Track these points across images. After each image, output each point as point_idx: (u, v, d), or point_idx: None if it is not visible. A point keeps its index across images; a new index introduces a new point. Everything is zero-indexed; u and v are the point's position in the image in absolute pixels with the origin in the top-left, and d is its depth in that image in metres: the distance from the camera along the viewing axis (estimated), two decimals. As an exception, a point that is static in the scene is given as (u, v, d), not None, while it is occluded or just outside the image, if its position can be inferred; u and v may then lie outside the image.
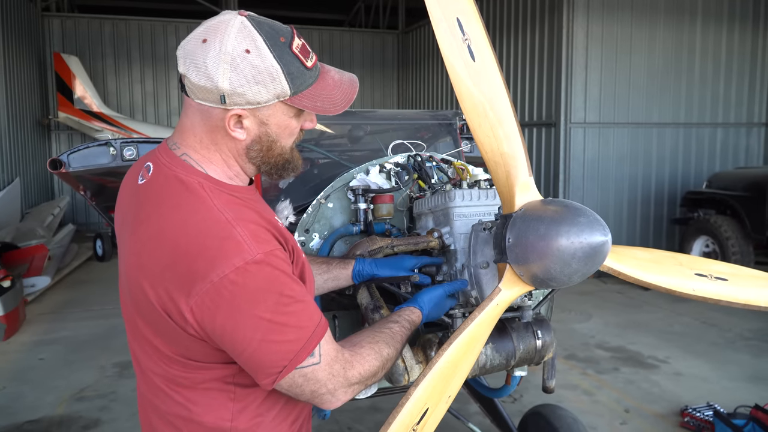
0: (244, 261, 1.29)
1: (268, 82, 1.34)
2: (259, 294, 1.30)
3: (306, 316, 1.37)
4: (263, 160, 1.47)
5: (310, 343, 1.36)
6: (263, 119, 1.40)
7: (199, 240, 1.30)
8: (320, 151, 3.36)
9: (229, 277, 1.27)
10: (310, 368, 1.36)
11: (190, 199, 1.36)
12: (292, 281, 1.36)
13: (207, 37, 1.33)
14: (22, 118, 11.29)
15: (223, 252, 1.29)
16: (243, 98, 1.34)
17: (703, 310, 6.99)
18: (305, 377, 1.36)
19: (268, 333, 1.31)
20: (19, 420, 4.45)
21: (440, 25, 1.65)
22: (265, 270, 1.31)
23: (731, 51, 9.56)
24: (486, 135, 1.67)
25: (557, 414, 2.91)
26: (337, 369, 1.41)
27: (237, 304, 1.29)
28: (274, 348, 1.32)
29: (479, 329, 1.63)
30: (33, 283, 7.71)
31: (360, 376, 1.46)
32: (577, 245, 1.47)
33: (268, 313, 1.30)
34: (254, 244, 1.31)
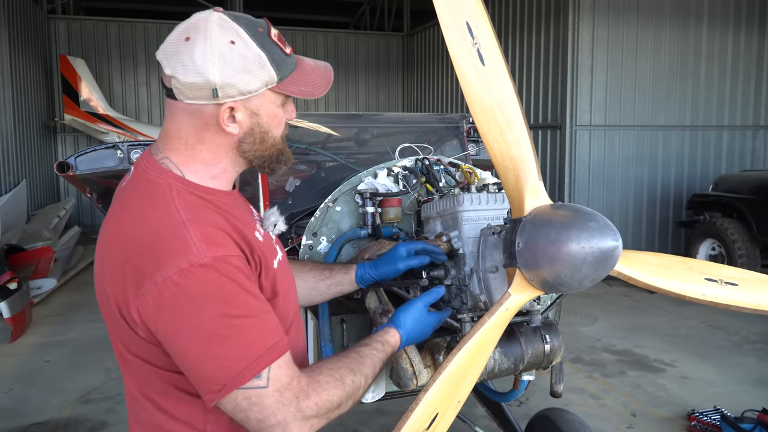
0: (190, 263, 1.24)
1: (256, 70, 1.34)
2: (202, 300, 1.24)
3: (257, 333, 1.27)
4: (256, 153, 1.45)
5: (257, 364, 1.25)
6: (254, 110, 1.39)
7: (149, 239, 1.28)
8: (327, 154, 3.36)
9: (172, 278, 1.23)
10: (255, 391, 1.25)
11: (153, 199, 1.35)
12: (244, 293, 1.28)
13: (189, 35, 1.34)
14: (28, 120, 11.32)
15: (170, 252, 1.25)
16: (235, 89, 1.34)
17: (710, 313, 6.96)
18: (249, 401, 1.25)
19: (208, 344, 1.24)
20: (26, 422, 4.45)
21: (450, 29, 1.64)
22: (211, 275, 1.25)
23: (737, 53, 9.53)
24: (495, 139, 1.67)
25: (564, 418, 2.89)
26: (288, 397, 1.28)
27: (179, 307, 1.24)
28: (214, 362, 1.24)
29: (489, 334, 1.62)
30: (39, 285, 7.72)
31: (317, 408, 1.31)
32: (588, 250, 1.47)
33: (209, 322, 1.24)
34: (204, 247, 1.26)
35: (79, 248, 10.26)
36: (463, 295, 2.03)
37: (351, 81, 15.78)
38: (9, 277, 6.61)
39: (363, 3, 16.41)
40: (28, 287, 7.08)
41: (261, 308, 1.31)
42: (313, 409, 1.31)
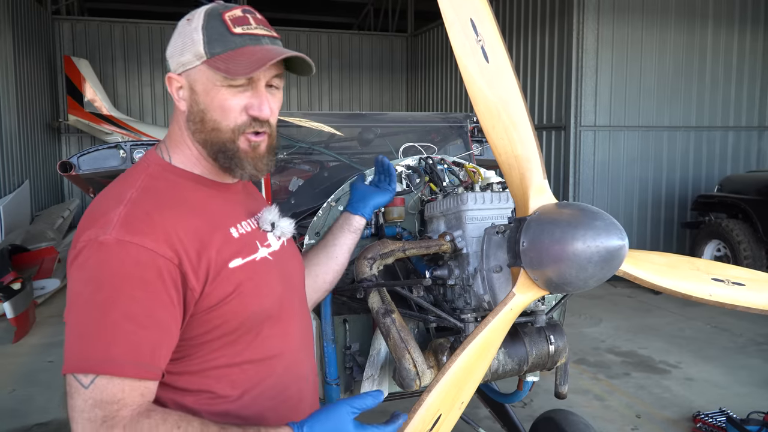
0: (95, 236, 1.24)
1: (188, 44, 1.37)
2: (86, 274, 1.23)
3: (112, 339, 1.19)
4: (201, 136, 1.41)
5: (91, 365, 1.18)
6: (191, 84, 1.39)
7: (94, 208, 1.33)
8: (331, 153, 3.35)
9: (80, 247, 1.26)
10: (76, 386, 1.18)
11: (126, 176, 1.40)
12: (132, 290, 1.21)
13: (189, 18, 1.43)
14: (32, 120, 11.33)
15: (92, 224, 1.28)
16: (175, 61, 1.39)
17: (715, 314, 6.93)
18: (70, 389, 1.20)
19: (73, 318, 1.22)
20: (29, 423, 4.45)
21: (454, 26, 1.63)
22: (102, 255, 1.22)
23: (743, 53, 9.49)
24: (500, 137, 1.65)
25: (569, 419, 2.87)
26: (96, 414, 1.17)
27: (71, 275, 1.26)
28: (71, 338, 1.21)
29: (493, 334, 1.60)
30: (43, 285, 7.72)
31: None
32: (594, 249, 1.45)
33: (82, 299, 1.22)
34: (117, 227, 1.25)
35: (82, 249, 10.26)
36: (467, 295, 2.02)
37: (355, 82, 15.77)
38: (13, 278, 6.61)
39: (367, 4, 16.40)
40: (31, 287, 7.08)
41: (139, 318, 1.22)
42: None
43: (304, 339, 1.65)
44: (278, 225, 1.57)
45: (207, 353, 1.39)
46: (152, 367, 1.24)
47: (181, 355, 1.36)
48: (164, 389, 1.35)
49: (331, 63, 15.42)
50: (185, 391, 1.38)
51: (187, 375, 1.38)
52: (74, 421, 1.19)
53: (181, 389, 1.38)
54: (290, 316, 1.58)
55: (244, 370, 1.44)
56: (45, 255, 8.04)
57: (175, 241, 1.29)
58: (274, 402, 1.49)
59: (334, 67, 15.49)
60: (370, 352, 2.30)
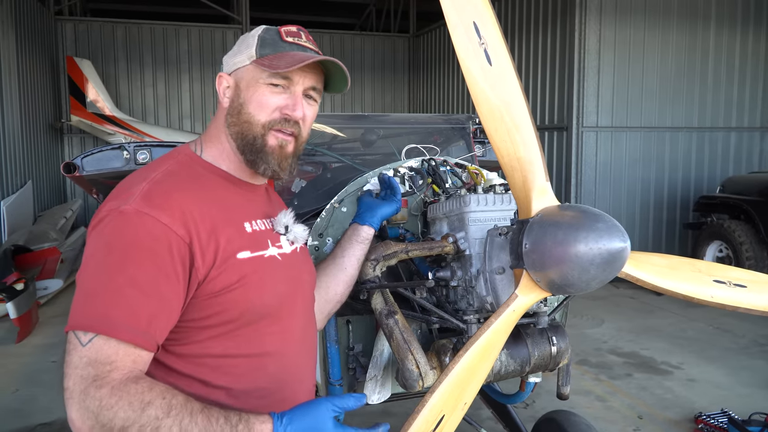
0: (117, 206, 1.32)
1: (243, 48, 1.54)
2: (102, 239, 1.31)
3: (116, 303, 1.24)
4: (234, 128, 1.52)
5: (92, 323, 1.23)
6: (237, 81, 1.53)
7: (120, 186, 1.42)
8: (333, 155, 3.36)
9: (99, 216, 1.34)
10: (75, 342, 1.23)
11: (156, 162, 1.49)
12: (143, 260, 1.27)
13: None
14: (35, 121, 11.35)
15: (117, 197, 1.36)
16: (229, 64, 1.56)
17: (717, 315, 6.93)
18: (69, 346, 1.25)
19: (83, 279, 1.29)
20: (32, 423, 4.47)
21: (457, 29, 1.64)
22: (119, 223, 1.30)
23: (745, 54, 9.49)
24: (502, 139, 1.66)
25: (571, 420, 2.88)
26: (87, 373, 1.20)
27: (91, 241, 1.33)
28: (77, 296, 1.29)
29: (496, 336, 1.61)
30: (46, 285, 7.74)
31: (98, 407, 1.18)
32: (596, 251, 1.46)
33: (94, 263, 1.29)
34: (137, 199, 1.33)
35: (85, 249, 10.28)
36: (470, 296, 2.03)
37: (357, 82, 15.78)
38: (16, 278, 6.63)
39: (369, 4, 16.41)
40: (34, 288, 7.10)
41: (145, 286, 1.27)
42: (94, 404, 1.19)
43: (305, 343, 1.67)
44: (292, 229, 1.61)
45: (204, 339, 1.42)
46: (148, 336, 1.27)
47: (177, 337, 1.40)
48: (159, 368, 1.39)
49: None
50: (179, 374, 1.41)
51: (182, 358, 1.41)
52: (67, 376, 1.22)
53: (176, 372, 1.41)
54: (291, 318, 1.59)
55: (238, 364, 1.46)
56: (48, 255, 8.06)
57: (188, 220, 1.35)
58: (266, 401, 1.49)
59: (337, 68, 15.48)
60: (373, 353, 2.30)
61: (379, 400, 2.31)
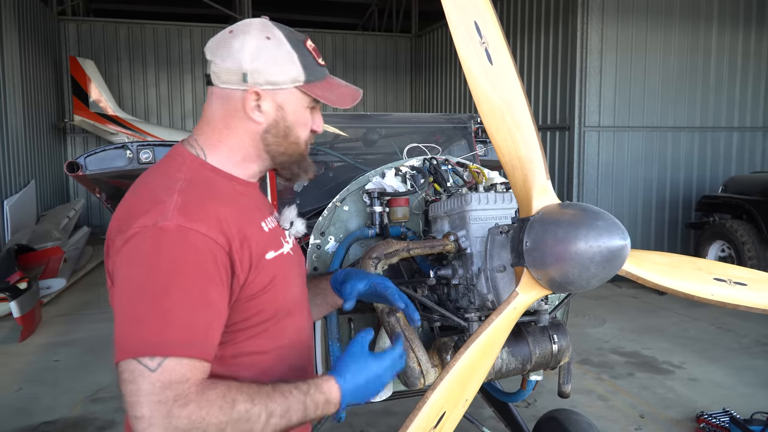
0: (153, 222, 1.26)
1: (285, 64, 1.44)
2: (145, 259, 1.25)
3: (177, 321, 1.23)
4: (279, 149, 1.50)
5: (158, 347, 1.20)
6: (280, 103, 1.47)
7: (141, 196, 1.35)
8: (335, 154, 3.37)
9: (133, 233, 1.27)
10: (141, 369, 1.19)
11: (162, 167, 1.44)
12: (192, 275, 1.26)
13: (233, 30, 1.47)
14: (38, 121, 11.38)
15: (148, 211, 1.29)
16: (262, 77, 1.43)
17: (719, 315, 6.92)
18: (131, 375, 1.20)
19: (131, 303, 1.24)
20: (35, 421, 4.48)
21: (458, 28, 1.65)
22: (163, 240, 1.25)
23: (747, 54, 9.48)
24: (503, 138, 1.67)
25: (572, 419, 2.89)
26: (167, 396, 1.20)
27: (125, 261, 1.27)
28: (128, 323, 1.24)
29: (496, 333, 1.62)
30: (49, 285, 7.76)
31: (188, 422, 1.20)
32: (596, 249, 1.47)
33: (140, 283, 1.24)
34: (175, 214, 1.28)
35: (88, 248, 10.31)
36: (471, 294, 2.04)
37: (359, 82, 15.77)
38: (19, 277, 6.65)
39: (371, 4, 16.41)
40: (37, 287, 7.12)
41: (200, 301, 1.27)
42: (184, 423, 1.20)
43: (311, 331, 1.72)
44: (295, 224, 1.65)
45: (241, 341, 1.45)
46: (209, 347, 1.29)
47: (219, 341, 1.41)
48: None
49: (335, 64, 15.44)
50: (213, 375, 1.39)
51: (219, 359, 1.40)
52: (138, 404, 1.19)
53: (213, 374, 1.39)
54: (302, 311, 1.64)
55: (266, 359, 1.50)
56: (51, 254, 8.08)
57: (225, 228, 1.34)
58: None
59: (339, 68, 15.50)
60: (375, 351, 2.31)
61: (380, 398, 2.32)
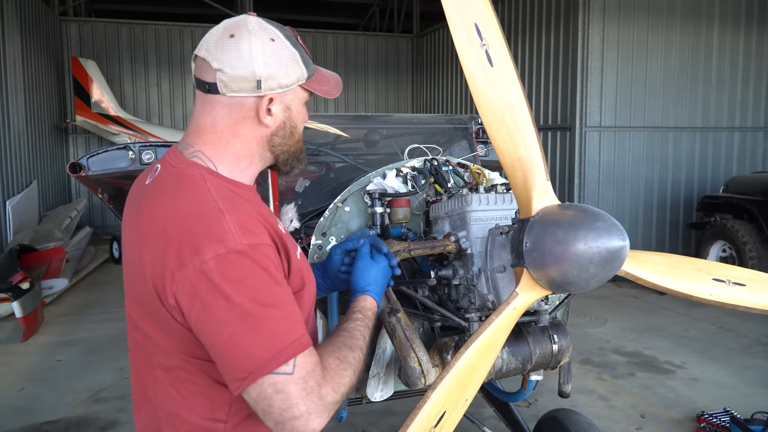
0: (226, 249, 1.27)
1: (290, 65, 1.45)
2: (235, 286, 1.27)
3: (285, 323, 1.31)
4: (284, 148, 1.53)
5: (286, 352, 1.28)
6: (287, 104, 1.49)
7: (188, 225, 1.32)
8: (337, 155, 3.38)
9: (208, 263, 1.27)
10: (282, 378, 1.27)
11: (187, 188, 1.39)
12: (273, 283, 1.32)
13: (233, 33, 1.42)
14: (40, 121, 11.40)
15: (208, 239, 1.29)
16: (276, 81, 1.43)
17: (720, 314, 6.93)
18: (275, 388, 1.26)
19: (238, 330, 1.26)
20: (38, 421, 4.49)
21: (458, 30, 1.66)
22: (245, 262, 1.28)
23: (748, 53, 9.48)
24: (503, 140, 1.68)
25: (573, 419, 2.90)
26: (311, 385, 1.30)
27: (213, 292, 1.26)
28: (243, 349, 1.27)
29: (496, 333, 1.63)
30: (51, 285, 7.78)
31: (334, 393, 1.34)
32: (595, 250, 1.48)
33: (240, 308, 1.26)
34: (240, 235, 1.30)
35: (90, 249, 10.32)
36: (471, 294, 2.05)
37: (360, 82, 15.81)
38: (21, 277, 6.66)
39: (372, 4, 16.42)
40: (40, 287, 7.13)
41: (288, 300, 1.35)
42: (331, 394, 1.33)
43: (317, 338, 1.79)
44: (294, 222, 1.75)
45: None
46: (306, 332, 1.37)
47: None
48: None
49: (336, 64, 15.45)
50: None
51: None
52: (295, 406, 1.27)
53: None
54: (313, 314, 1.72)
55: None
56: (53, 255, 8.09)
57: (273, 234, 1.40)
58: None
59: (340, 68, 15.51)
60: (376, 351, 2.32)
61: (381, 398, 2.33)
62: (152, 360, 1.43)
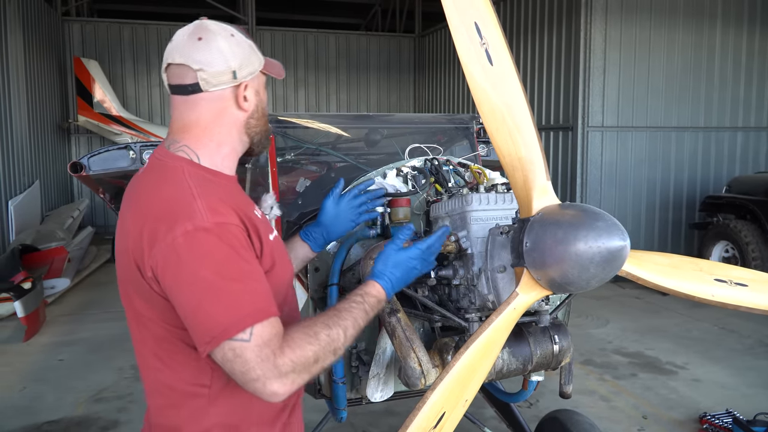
0: (194, 227, 1.41)
1: (251, 54, 1.62)
2: (202, 260, 1.40)
3: (247, 295, 1.42)
4: (257, 128, 1.68)
5: (244, 320, 1.38)
6: (256, 88, 1.66)
7: (163, 206, 1.48)
8: (337, 154, 3.38)
9: (178, 239, 1.41)
10: (239, 344, 1.38)
11: (168, 177, 1.54)
12: (238, 258, 1.44)
13: (200, 36, 1.57)
14: (43, 121, 11.42)
15: (179, 218, 1.43)
16: (246, 70, 1.60)
17: (722, 315, 6.91)
18: (234, 352, 1.38)
19: (203, 299, 1.39)
20: (39, 420, 4.50)
21: (458, 30, 1.65)
22: (211, 239, 1.42)
23: (751, 53, 9.46)
24: (504, 139, 1.67)
25: (574, 419, 2.89)
26: (266, 353, 1.39)
27: (181, 265, 1.41)
28: (207, 316, 1.39)
29: (496, 333, 1.63)
30: (53, 284, 7.79)
31: (292, 364, 1.41)
32: (595, 250, 1.47)
33: (205, 280, 1.39)
34: (208, 215, 1.44)
35: (92, 248, 10.33)
36: (472, 294, 2.04)
37: (362, 82, 15.80)
38: (23, 277, 6.67)
39: (374, 4, 16.42)
40: (42, 287, 7.14)
41: (253, 276, 1.45)
42: (288, 365, 1.40)
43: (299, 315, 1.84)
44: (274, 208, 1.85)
45: None
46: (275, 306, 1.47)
47: None
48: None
49: (338, 64, 15.45)
50: None
51: None
52: (251, 369, 1.37)
53: None
54: (293, 292, 1.80)
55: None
56: (55, 254, 8.10)
57: (242, 217, 1.51)
58: None
59: (342, 68, 15.52)
60: (376, 351, 2.32)
61: (381, 398, 2.33)
62: (144, 333, 1.57)
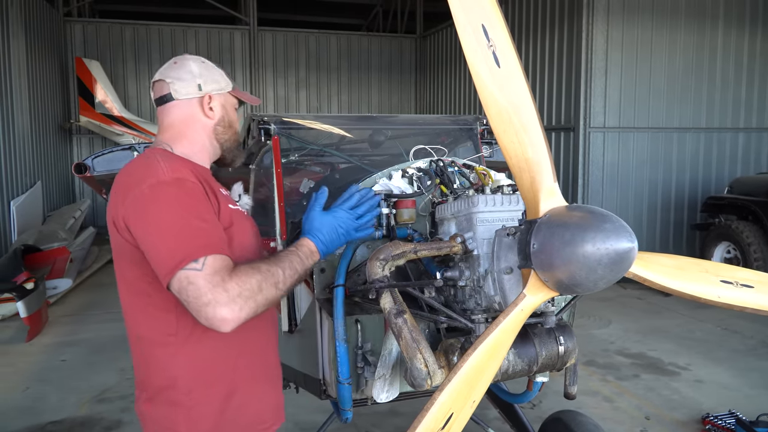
0: (157, 180, 1.71)
1: (219, 76, 2.02)
2: (164, 205, 1.68)
3: (201, 235, 1.65)
4: (225, 137, 2.03)
5: (197, 252, 1.61)
6: (223, 103, 2.02)
7: (135, 172, 1.78)
8: (342, 155, 3.38)
9: (144, 190, 1.69)
10: (192, 272, 1.59)
11: (142, 159, 1.85)
12: (197, 204, 1.71)
13: (176, 61, 1.99)
14: (44, 121, 11.42)
15: (146, 175, 1.73)
16: (210, 85, 1.98)
17: (725, 316, 6.91)
18: (188, 280, 1.59)
19: (164, 237, 1.64)
20: (42, 421, 4.50)
21: (465, 31, 1.65)
22: (172, 189, 1.70)
23: (753, 54, 9.46)
24: (510, 141, 1.67)
25: (578, 420, 2.89)
26: (217, 280, 1.60)
27: (147, 212, 1.68)
28: (167, 251, 1.62)
29: (504, 335, 1.63)
30: (55, 285, 7.80)
31: (239, 288, 1.62)
32: (603, 251, 1.47)
33: (165, 221, 1.66)
34: (169, 172, 1.73)
35: (94, 249, 10.33)
36: (478, 296, 2.04)
37: (364, 83, 15.81)
38: (26, 277, 6.68)
39: (376, 5, 16.43)
40: (44, 287, 7.14)
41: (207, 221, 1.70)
42: (235, 289, 1.61)
43: None
44: (242, 197, 2.12)
45: None
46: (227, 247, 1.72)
47: None
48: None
49: (340, 64, 15.46)
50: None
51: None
52: (203, 294, 1.59)
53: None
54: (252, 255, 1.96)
55: None
56: (57, 255, 8.11)
57: (200, 179, 1.80)
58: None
59: (343, 69, 15.52)
60: (382, 352, 2.32)
61: (387, 399, 2.33)
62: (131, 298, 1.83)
